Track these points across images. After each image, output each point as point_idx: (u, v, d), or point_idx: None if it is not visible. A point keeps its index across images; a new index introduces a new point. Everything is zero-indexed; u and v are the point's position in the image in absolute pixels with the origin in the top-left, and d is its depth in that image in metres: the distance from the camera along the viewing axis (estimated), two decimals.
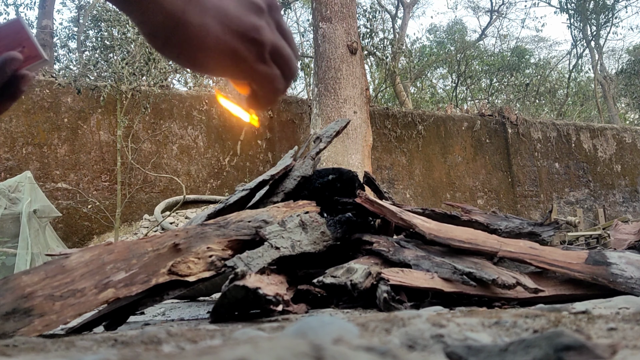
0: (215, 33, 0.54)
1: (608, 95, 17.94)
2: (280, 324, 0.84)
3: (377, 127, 9.50)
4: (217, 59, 0.55)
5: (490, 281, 1.19)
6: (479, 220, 1.79)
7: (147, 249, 1.13)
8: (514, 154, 10.90)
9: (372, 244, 1.46)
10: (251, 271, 1.14)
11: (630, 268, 1.28)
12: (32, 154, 7.34)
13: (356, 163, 6.20)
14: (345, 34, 6.71)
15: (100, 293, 0.98)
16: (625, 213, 11.38)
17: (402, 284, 1.20)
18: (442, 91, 20.56)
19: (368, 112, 6.84)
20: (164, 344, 0.57)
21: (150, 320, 1.38)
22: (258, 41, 0.56)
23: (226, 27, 0.54)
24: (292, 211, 1.52)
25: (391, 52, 11.43)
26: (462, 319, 0.63)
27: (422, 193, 9.86)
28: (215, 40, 0.54)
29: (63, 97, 7.62)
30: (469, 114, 11.20)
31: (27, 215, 5.36)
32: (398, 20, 18.19)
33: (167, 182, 7.94)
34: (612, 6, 16.72)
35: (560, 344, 0.40)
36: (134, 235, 7.12)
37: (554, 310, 0.79)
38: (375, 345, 0.40)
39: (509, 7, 19.94)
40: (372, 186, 2.00)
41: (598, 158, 11.87)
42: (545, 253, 1.35)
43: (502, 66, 18.41)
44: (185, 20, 0.53)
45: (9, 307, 0.88)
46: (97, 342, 0.61)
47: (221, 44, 0.54)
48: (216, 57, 0.55)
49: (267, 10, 0.57)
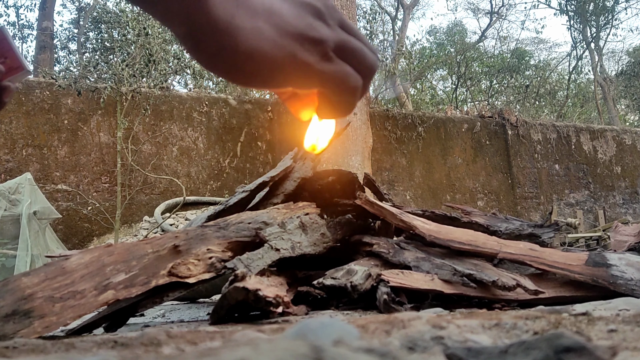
0: (270, 37, 0.48)
1: (608, 97, 17.95)
2: (280, 326, 0.84)
3: (377, 128, 9.51)
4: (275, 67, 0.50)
5: (491, 283, 1.19)
6: (479, 221, 1.79)
7: (147, 250, 1.13)
8: (514, 156, 10.90)
9: (372, 245, 1.46)
10: (251, 273, 1.14)
11: (631, 270, 1.28)
12: (32, 155, 7.35)
13: (356, 165, 6.20)
14: None
15: (100, 295, 0.98)
16: (626, 215, 11.38)
17: (402, 285, 1.20)
18: (442, 93, 20.58)
19: (368, 113, 6.84)
20: (163, 345, 0.57)
21: (150, 322, 1.38)
22: (318, 39, 0.50)
23: (282, 30, 0.49)
24: (292, 213, 1.52)
25: (391, 54, 11.44)
26: (462, 320, 0.63)
27: (422, 195, 9.86)
28: (272, 45, 0.48)
29: (63, 99, 7.63)
30: (469, 116, 11.21)
31: (27, 217, 5.36)
32: (398, 21, 18.21)
33: (167, 184, 7.94)
34: (612, 8, 16.74)
35: (561, 345, 0.40)
36: (134, 236, 7.12)
37: (554, 312, 0.79)
38: (376, 347, 0.40)
39: (509, 8, 19.97)
40: (372, 188, 2.00)
41: (598, 160, 11.87)
42: (545, 255, 1.35)
43: (502, 68, 18.43)
44: (236, 26, 0.47)
45: (8, 308, 0.88)
46: (96, 344, 0.61)
47: (278, 49, 0.49)
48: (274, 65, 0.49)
49: (325, 10, 0.51)
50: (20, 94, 7.33)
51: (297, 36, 0.49)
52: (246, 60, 0.49)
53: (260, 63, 0.49)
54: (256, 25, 0.48)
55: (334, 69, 0.52)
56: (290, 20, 0.49)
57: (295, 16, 0.50)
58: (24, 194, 5.50)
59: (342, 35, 0.52)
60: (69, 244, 7.05)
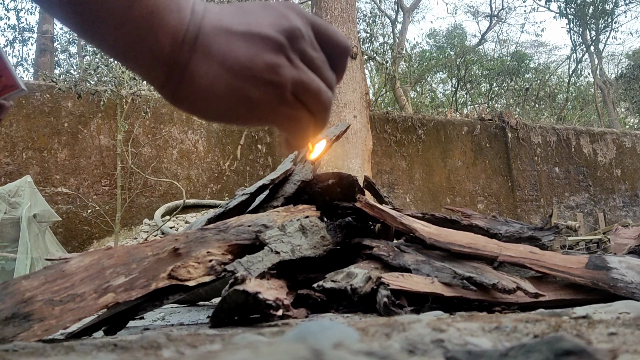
0: (224, 81, 0.49)
1: (608, 100, 17.96)
2: (280, 329, 0.84)
3: (377, 131, 9.51)
4: (232, 108, 0.51)
5: (491, 286, 1.19)
6: (479, 224, 1.79)
7: (147, 253, 1.13)
8: (514, 159, 10.91)
9: (372, 248, 1.46)
10: (251, 276, 1.14)
11: (631, 273, 1.28)
12: (32, 158, 7.35)
13: (356, 167, 6.20)
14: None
15: (100, 298, 0.98)
16: (626, 217, 11.37)
17: (402, 288, 1.20)
18: (442, 96, 20.61)
19: (368, 116, 6.84)
20: (163, 348, 0.57)
21: (150, 325, 1.38)
22: (275, 82, 0.50)
23: (236, 73, 0.49)
24: (292, 215, 1.52)
25: (391, 57, 11.46)
26: (463, 323, 0.63)
27: (422, 197, 9.86)
28: (226, 89, 0.49)
29: (63, 102, 7.64)
30: (469, 119, 11.22)
31: (27, 220, 5.36)
32: (398, 24, 18.25)
33: (167, 187, 7.94)
34: (612, 11, 16.77)
35: (561, 348, 0.40)
36: (134, 239, 7.11)
37: (554, 315, 0.79)
38: (376, 350, 0.40)
39: (509, 12, 20.01)
40: (372, 190, 2.00)
41: (598, 162, 11.87)
42: (545, 257, 1.35)
43: (502, 71, 18.46)
44: (191, 71, 0.49)
45: (8, 311, 0.88)
46: (96, 347, 0.61)
47: (233, 92, 0.50)
48: (231, 106, 0.51)
49: (287, 43, 0.50)
50: (20, 97, 7.33)
51: (252, 79, 0.49)
52: (203, 102, 0.50)
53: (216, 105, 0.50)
54: (210, 69, 0.49)
55: (288, 114, 0.52)
56: (245, 63, 0.49)
57: (251, 57, 0.49)
58: (24, 197, 5.50)
59: (303, 75, 0.51)
60: (69, 246, 7.05)
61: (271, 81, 0.50)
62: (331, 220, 1.61)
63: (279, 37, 0.49)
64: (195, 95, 0.50)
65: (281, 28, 0.50)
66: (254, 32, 0.49)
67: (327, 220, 1.59)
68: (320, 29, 0.53)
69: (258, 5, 0.52)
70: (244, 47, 0.49)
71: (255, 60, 0.49)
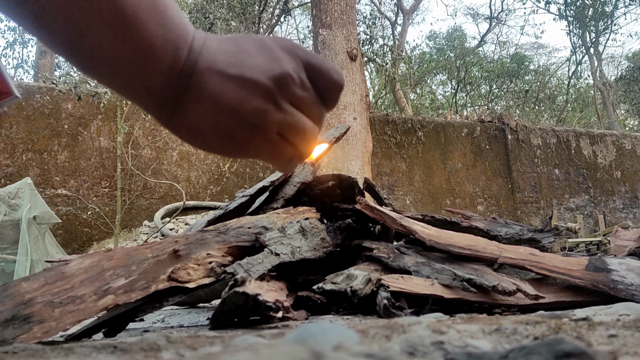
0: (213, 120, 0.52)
1: (607, 102, 17.97)
2: (280, 331, 0.84)
3: (377, 133, 9.52)
4: (219, 144, 0.54)
5: (491, 288, 1.19)
6: (479, 226, 1.79)
7: (146, 255, 1.13)
8: (513, 160, 10.91)
9: (372, 250, 1.46)
10: (251, 277, 1.14)
11: (631, 275, 1.28)
12: (32, 160, 7.35)
13: (356, 169, 6.20)
14: (345, 41, 6.74)
15: (99, 300, 0.98)
16: (626, 219, 11.37)
17: (402, 290, 1.20)
18: (442, 97, 20.62)
19: (368, 118, 6.85)
20: (163, 350, 0.57)
21: (150, 327, 1.38)
22: (260, 126, 0.52)
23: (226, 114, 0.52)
24: (292, 217, 1.52)
25: (391, 59, 11.47)
26: (463, 325, 0.63)
27: (422, 199, 9.86)
28: (214, 127, 0.52)
29: (63, 104, 7.64)
30: (469, 120, 11.22)
31: (26, 222, 5.36)
32: (398, 27, 18.26)
33: (167, 189, 7.94)
34: (611, 13, 16.79)
35: (561, 350, 0.40)
36: (134, 241, 7.11)
37: (554, 317, 0.79)
38: (376, 352, 0.40)
39: (508, 14, 20.03)
40: (372, 192, 2.00)
41: (598, 164, 11.88)
42: (545, 259, 1.35)
43: (502, 72, 18.48)
44: (182, 108, 0.52)
45: (8, 313, 0.88)
46: (96, 349, 0.61)
47: (220, 130, 0.53)
48: (218, 142, 0.54)
49: (276, 90, 0.52)
50: (14, 104, 7.33)
51: (239, 121, 0.52)
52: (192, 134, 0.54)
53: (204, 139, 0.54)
54: (200, 108, 0.52)
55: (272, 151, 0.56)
56: (234, 106, 0.51)
57: (240, 101, 0.51)
58: (24, 199, 5.50)
59: (286, 117, 0.53)
60: (69, 248, 7.04)
61: (257, 124, 0.52)
62: (331, 222, 1.61)
63: (268, 84, 0.52)
64: (185, 128, 0.53)
65: (271, 74, 0.52)
66: (245, 77, 0.51)
67: (327, 222, 1.59)
68: (314, 66, 0.55)
69: (254, 44, 0.54)
70: (234, 90, 0.51)
71: (244, 104, 0.51)
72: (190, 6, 11.01)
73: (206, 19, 10.25)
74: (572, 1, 15.85)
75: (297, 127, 0.55)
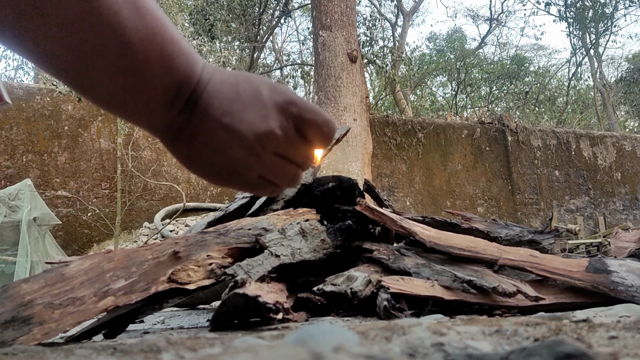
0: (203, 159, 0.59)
1: (607, 103, 17.98)
2: (280, 332, 0.84)
3: (377, 134, 9.52)
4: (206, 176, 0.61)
5: (491, 289, 1.19)
6: (479, 228, 1.79)
7: (147, 256, 1.13)
8: (514, 162, 10.91)
9: (372, 251, 1.45)
10: (251, 279, 1.14)
11: (631, 276, 1.28)
12: (33, 161, 7.35)
13: (356, 171, 6.20)
14: (346, 42, 6.74)
15: (99, 301, 0.98)
16: (626, 221, 11.37)
17: (403, 292, 1.20)
18: (442, 99, 20.63)
19: (368, 119, 6.85)
20: (163, 352, 0.57)
21: (150, 329, 1.38)
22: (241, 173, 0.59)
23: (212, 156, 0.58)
24: (292, 219, 1.52)
25: (391, 60, 11.48)
26: (463, 327, 0.63)
27: (422, 201, 9.85)
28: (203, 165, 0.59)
29: (63, 105, 7.64)
30: (469, 122, 11.23)
31: (26, 223, 5.36)
32: (398, 28, 18.27)
33: (167, 190, 7.94)
34: (611, 14, 16.80)
35: (561, 352, 0.39)
36: (134, 243, 7.11)
37: (554, 319, 0.79)
38: (376, 354, 0.40)
39: (508, 15, 20.02)
40: (372, 194, 2.00)
41: (598, 166, 11.88)
42: (545, 261, 1.35)
43: (502, 74, 18.49)
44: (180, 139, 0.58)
45: (8, 315, 0.88)
46: (96, 351, 0.61)
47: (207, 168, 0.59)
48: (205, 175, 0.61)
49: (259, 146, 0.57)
50: (20, 100, 7.35)
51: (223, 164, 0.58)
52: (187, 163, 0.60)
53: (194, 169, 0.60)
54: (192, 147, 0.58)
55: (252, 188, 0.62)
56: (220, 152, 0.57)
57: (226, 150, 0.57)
58: (24, 200, 5.50)
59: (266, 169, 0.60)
60: (69, 250, 7.04)
61: (237, 171, 0.59)
62: (331, 223, 1.61)
63: (252, 140, 0.56)
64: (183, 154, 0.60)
65: (257, 132, 0.56)
66: (234, 129, 0.56)
67: (327, 224, 1.59)
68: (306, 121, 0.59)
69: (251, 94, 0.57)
70: (223, 137, 0.56)
71: (229, 152, 0.57)
72: (190, 8, 11.03)
73: (206, 21, 10.26)
74: (572, 3, 15.86)
75: (276, 174, 0.61)
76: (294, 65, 16.10)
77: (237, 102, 0.56)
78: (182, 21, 10.70)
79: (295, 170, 0.62)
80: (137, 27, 0.51)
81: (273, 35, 17.08)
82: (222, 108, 0.56)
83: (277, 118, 0.57)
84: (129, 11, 0.50)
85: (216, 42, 11.30)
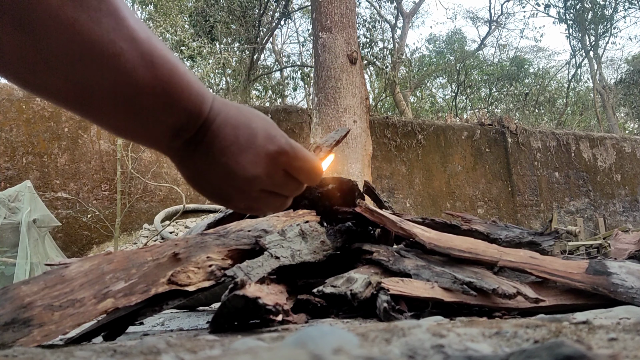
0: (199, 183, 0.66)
1: (607, 105, 17.99)
2: (280, 334, 0.84)
3: (376, 136, 9.52)
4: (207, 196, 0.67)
5: (491, 291, 1.19)
6: (479, 229, 1.79)
7: (146, 258, 1.13)
8: (513, 163, 10.91)
9: (372, 253, 1.45)
10: (251, 281, 1.13)
11: (631, 278, 1.28)
12: (32, 163, 7.35)
13: (356, 172, 6.20)
14: (345, 44, 6.74)
15: (99, 303, 0.98)
16: (626, 222, 11.37)
17: (402, 293, 1.19)
18: (442, 100, 20.64)
19: (368, 121, 6.85)
20: (163, 354, 0.57)
21: (150, 331, 1.38)
22: (228, 203, 0.67)
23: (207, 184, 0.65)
24: (292, 220, 1.52)
25: (391, 62, 11.48)
26: (463, 329, 0.63)
27: (422, 202, 9.85)
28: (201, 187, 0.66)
29: None
30: (469, 123, 11.23)
31: (26, 225, 5.36)
32: (398, 30, 18.29)
33: (167, 192, 7.94)
34: (611, 16, 16.82)
35: (561, 354, 0.39)
36: (134, 244, 7.11)
37: (554, 320, 0.79)
38: (376, 355, 0.40)
39: (508, 17, 20.04)
40: (372, 195, 2.00)
41: (598, 167, 11.88)
42: (545, 263, 1.35)
43: (502, 76, 18.50)
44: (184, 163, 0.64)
45: (8, 317, 0.88)
46: (96, 353, 0.60)
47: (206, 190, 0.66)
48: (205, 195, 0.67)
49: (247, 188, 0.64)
50: (20, 102, 7.35)
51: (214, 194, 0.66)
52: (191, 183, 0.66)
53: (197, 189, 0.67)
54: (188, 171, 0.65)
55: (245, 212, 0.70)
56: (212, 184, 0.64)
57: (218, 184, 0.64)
58: (24, 202, 5.50)
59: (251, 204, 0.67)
60: (69, 251, 7.04)
61: (226, 201, 0.67)
62: (331, 225, 1.61)
63: (241, 181, 0.63)
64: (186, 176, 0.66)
65: (246, 175, 0.63)
66: (229, 168, 0.63)
67: (327, 225, 1.59)
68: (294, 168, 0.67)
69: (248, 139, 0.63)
70: (217, 173, 0.63)
71: (220, 187, 0.64)
72: (190, 9, 11.03)
73: (206, 22, 10.27)
74: (571, 4, 15.88)
75: (263, 205, 0.69)
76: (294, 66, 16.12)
77: (235, 145, 0.62)
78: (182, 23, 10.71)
79: (282, 200, 0.70)
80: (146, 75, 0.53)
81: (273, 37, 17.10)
82: (222, 148, 0.62)
83: (266, 165, 0.64)
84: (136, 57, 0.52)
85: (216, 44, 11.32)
